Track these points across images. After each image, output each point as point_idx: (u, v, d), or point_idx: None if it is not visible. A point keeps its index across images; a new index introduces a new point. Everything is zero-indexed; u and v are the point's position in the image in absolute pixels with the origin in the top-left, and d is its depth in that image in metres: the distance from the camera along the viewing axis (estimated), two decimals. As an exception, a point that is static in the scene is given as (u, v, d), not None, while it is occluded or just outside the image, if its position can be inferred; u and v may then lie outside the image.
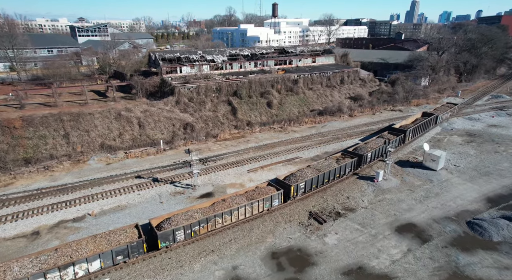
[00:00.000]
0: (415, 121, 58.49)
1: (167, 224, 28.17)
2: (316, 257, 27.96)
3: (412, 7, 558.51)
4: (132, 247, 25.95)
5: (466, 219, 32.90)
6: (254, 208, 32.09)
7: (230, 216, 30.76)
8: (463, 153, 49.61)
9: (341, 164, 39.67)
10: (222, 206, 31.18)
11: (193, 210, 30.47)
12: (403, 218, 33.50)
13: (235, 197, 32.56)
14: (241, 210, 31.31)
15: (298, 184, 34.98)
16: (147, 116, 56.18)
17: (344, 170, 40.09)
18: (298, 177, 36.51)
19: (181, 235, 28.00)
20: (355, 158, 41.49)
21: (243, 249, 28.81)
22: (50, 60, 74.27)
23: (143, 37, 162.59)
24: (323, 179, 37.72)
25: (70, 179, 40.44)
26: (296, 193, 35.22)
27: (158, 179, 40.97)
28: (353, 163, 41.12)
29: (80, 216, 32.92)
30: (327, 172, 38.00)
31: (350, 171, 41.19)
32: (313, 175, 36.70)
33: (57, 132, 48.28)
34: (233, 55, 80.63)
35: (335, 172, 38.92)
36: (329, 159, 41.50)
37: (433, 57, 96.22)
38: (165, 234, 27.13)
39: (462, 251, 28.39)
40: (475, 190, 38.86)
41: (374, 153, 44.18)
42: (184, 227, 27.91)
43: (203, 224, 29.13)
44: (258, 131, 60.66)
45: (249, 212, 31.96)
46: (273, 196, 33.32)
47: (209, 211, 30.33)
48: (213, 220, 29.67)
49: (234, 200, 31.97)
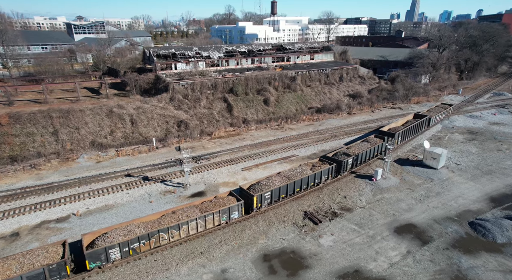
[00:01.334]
0: (406, 123, 54.34)
1: (101, 241, 24.57)
2: (310, 259, 26.48)
3: (412, 7, 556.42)
4: (51, 271, 21.73)
5: (468, 220, 31.40)
6: (208, 221, 28.39)
7: (179, 231, 27.06)
8: (465, 151, 48.11)
9: (316, 171, 35.71)
10: (170, 219, 27.59)
11: (134, 224, 26.58)
12: (402, 218, 32.01)
13: (187, 209, 28.86)
14: (192, 224, 27.62)
15: (263, 194, 31.27)
16: (140, 113, 54.70)
17: (319, 178, 36.09)
18: (264, 186, 32.63)
19: (116, 253, 24.32)
20: (333, 164, 37.54)
21: (234, 251, 27.34)
22: (41, 57, 72.66)
23: (140, 35, 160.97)
24: (294, 188, 33.92)
25: (57, 178, 38.96)
26: (261, 204, 31.40)
27: (149, 178, 39.48)
28: (330, 170, 37.15)
29: (64, 216, 31.45)
30: (299, 180, 34.10)
31: (328, 179, 37.29)
32: (281, 184, 32.91)
33: (45, 129, 46.79)
34: (230, 51, 79.10)
35: (308, 181, 34.98)
36: (304, 166, 37.21)
37: (434, 54, 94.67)
38: (95, 253, 23.43)
39: (465, 254, 26.90)
40: (478, 189, 37.36)
41: (356, 159, 40.48)
42: (120, 245, 24.30)
43: (144, 241, 25.47)
44: (254, 129, 59.16)
45: (202, 226, 28.24)
46: (231, 208, 29.47)
47: (153, 226, 26.72)
48: (157, 235, 26.02)
49: (185, 213, 28.38)
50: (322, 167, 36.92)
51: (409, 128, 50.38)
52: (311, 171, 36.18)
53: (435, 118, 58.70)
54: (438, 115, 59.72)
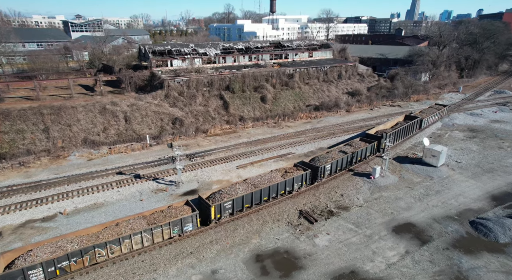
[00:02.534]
0: (395, 125, 50.27)
1: (22, 260, 21.35)
2: (304, 260, 25.40)
3: (412, 6, 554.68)
4: None
5: (469, 219, 30.31)
6: (156, 235, 25.55)
7: (119, 246, 24.08)
8: (465, 149, 47.02)
9: (288, 178, 32.46)
10: (111, 233, 24.65)
11: (67, 239, 23.51)
12: (400, 217, 30.93)
13: (132, 221, 25.89)
14: (135, 238, 24.66)
15: (223, 203, 28.29)
16: (134, 110, 53.62)
17: (291, 186, 33.00)
18: (225, 194, 29.50)
19: (39, 275, 21.08)
20: (308, 171, 34.42)
21: (225, 251, 26.27)
22: (34, 54, 71.51)
23: (138, 33, 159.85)
24: (260, 197, 30.76)
25: (46, 176, 37.91)
26: (220, 215, 28.50)
27: (141, 176, 38.43)
28: (304, 177, 33.92)
29: (51, 215, 30.38)
30: (266, 188, 30.86)
31: (301, 187, 34.06)
32: (245, 193, 29.75)
33: (36, 126, 45.72)
34: (227, 48, 77.99)
35: (278, 189, 31.92)
36: (274, 172, 34.07)
37: (434, 52, 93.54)
38: (8, 277, 19.99)
39: (466, 254, 25.81)
40: (479, 187, 36.27)
41: (336, 164, 37.09)
42: (43, 264, 20.97)
43: (76, 258, 22.39)
44: (250, 126, 58.11)
45: (148, 240, 25.35)
46: (184, 219, 26.51)
47: (89, 240, 23.69)
48: (92, 252, 22.98)
49: (129, 225, 25.46)
50: (295, 174, 33.62)
51: (398, 130, 46.48)
52: (282, 178, 33.04)
53: (428, 119, 54.57)
54: (431, 117, 55.71)
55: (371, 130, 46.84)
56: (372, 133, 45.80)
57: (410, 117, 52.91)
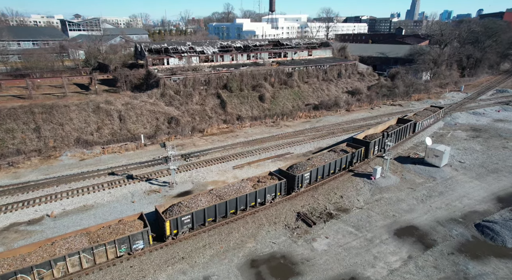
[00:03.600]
0: (387, 129, 46.74)
1: None
2: (302, 265, 24.10)
3: (412, 6, 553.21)
4: None
5: (474, 221, 29.02)
6: (98, 254, 22.41)
7: (51, 270, 20.66)
8: (469, 148, 45.73)
9: (259, 188, 29.57)
10: (41, 254, 21.19)
11: None
12: (403, 220, 29.63)
13: (72, 239, 22.77)
14: (72, 259, 21.43)
15: (180, 218, 25.30)
16: (128, 109, 52.34)
17: (263, 197, 29.99)
18: (184, 207, 26.45)
19: None
20: (283, 180, 31.14)
21: (218, 256, 24.97)
22: (28, 52, 70.20)
23: (137, 32, 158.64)
24: (226, 210, 27.99)
25: (35, 177, 36.60)
26: (177, 230, 25.52)
27: (133, 176, 37.12)
28: (278, 187, 30.71)
29: (37, 218, 29.09)
30: (232, 200, 28.11)
31: (276, 197, 30.97)
32: (208, 205, 26.96)
33: (26, 125, 44.43)
34: (225, 46, 76.70)
35: (247, 200, 28.94)
36: (245, 182, 30.97)
37: (435, 50, 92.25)
38: None
39: (472, 259, 24.51)
40: (484, 188, 34.98)
41: (316, 172, 33.99)
42: None
43: None
44: (248, 126, 56.81)
45: (89, 261, 22.26)
46: (133, 236, 23.40)
47: (11, 265, 20.09)
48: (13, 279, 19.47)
49: (67, 244, 22.28)
50: (268, 183, 30.39)
51: (388, 135, 42.83)
52: (253, 188, 29.93)
53: (422, 123, 50.67)
54: (425, 120, 51.69)
55: (359, 135, 43.30)
56: (361, 138, 42.28)
57: (403, 120, 49.37)
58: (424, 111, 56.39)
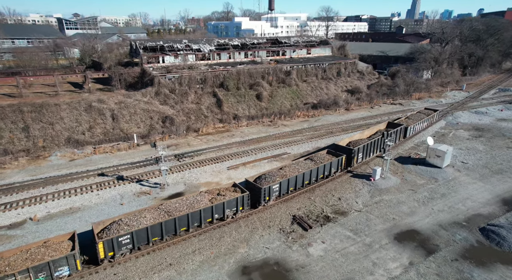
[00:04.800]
0: (374, 134, 43.28)
1: None
2: (296, 272, 22.72)
3: (413, 6, 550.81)
4: None
5: (479, 225, 27.60)
6: None
7: None
8: (471, 148, 44.29)
9: (216, 203, 26.35)
10: None
11: None
12: (403, 223, 28.23)
13: None
14: None
15: (115, 238, 21.98)
16: (121, 108, 50.95)
17: (221, 212, 26.85)
18: (123, 225, 23.19)
19: None
20: (246, 193, 28.01)
21: (208, 262, 23.59)
22: (20, 50, 68.81)
23: (135, 31, 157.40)
24: (175, 228, 24.73)
25: (21, 178, 35.24)
26: (113, 252, 22.24)
27: (124, 177, 35.76)
28: (240, 201, 27.49)
29: (19, 221, 27.71)
30: (183, 217, 24.80)
31: (237, 212, 27.72)
32: (152, 223, 23.76)
33: (15, 124, 43.08)
34: (222, 44, 75.28)
35: (202, 216, 25.69)
36: (203, 195, 27.83)
37: (436, 49, 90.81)
38: None
39: (477, 266, 23.10)
40: (488, 190, 33.55)
41: (287, 183, 30.59)
42: None
43: None
44: (245, 125, 55.42)
45: None
46: (55, 262, 20.02)
47: None
48: None
49: None
50: (227, 197, 27.30)
51: (374, 141, 39.42)
52: (210, 202, 26.84)
53: (414, 127, 46.93)
54: (418, 124, 47.87)
55: (342, 141, 39.77)
56: (344, 144, 38.79)
57: (394, 124, 45.54)
58: (417, 114, 52.77)
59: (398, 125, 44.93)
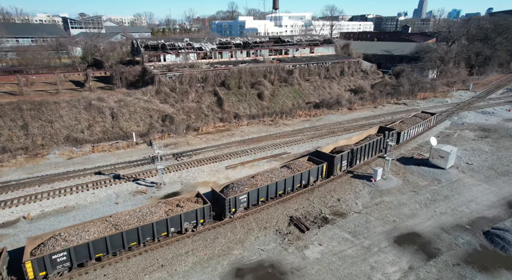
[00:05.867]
0: (364, 139, 40.23)
1: None
2: (291, 275, 22.02)
3: (420, 5, 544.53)
4: None
5: (483, 229, 26.60)
6: None
7: None
8: (477, 149, 43.11)
9: (172, 215, 24.08)
10: None
11: None
12: (404, 226, 27.35)
13: None
14: None
15: (47, 256, 19.63)
16: (121, 106, 50.66)
17: (178, 225, 24.48)
18: (61, 241, 20.94)
19: None
20: (207, 205, 25.73)
21: (201, 264, 23.00)
22: (22, 49, 69.07)
23: (139, 30, 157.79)
24: (123, 242, 22.36)
25: (18, 176, 35.05)
26: (46, 272, 19.73)
27: (120, 176, 35.38)
28: (200, 213, 25.25)
29: (13, 220, 27.43)
30: (132, 231, 22.55)
31: (197, 225, 25.43)
32: (96, 237, 21.55)
33: (14, 122, 43.00)
34: (224, 43, 74.76)
35: (154, 230, 23.43)
36: (159, 206, 25.41)
37: (442, 48, 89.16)
38: None
39: (480, 271, 22.16)
40: (493, 192, 32.46)
41: (257, 193, 28.08)
42: None
43: None
44: (245, 124, 54.79)
45: None
46: None
47: None
48: None
49: None
50: (186, 208, 25.21)
51: (361, 147, 36.07)
52: (165, 214, 24.59)
53: (409, 132, 43.10)
54: (412, 128, 44.24)
55: (326, 147, 36.67)
56: (328, 150, 35.93)
57: (385, 129, 41.92)
58: (413, 118, 49.20)
59: (390, 130, 40.69)
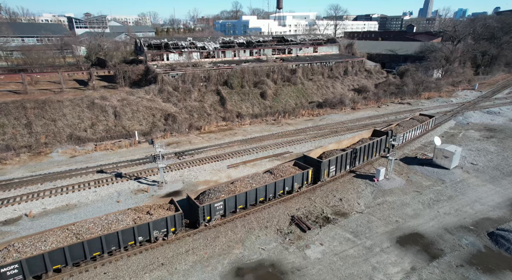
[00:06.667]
0: (357, 143, 38.16)
1: None
2: (292, 275, 21.84)
3: (425, 5, 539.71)
4: None
5: (487, 230, 26.18)
6: None
7: None
8: (482, 149, 42.53)
9: (139, 224, 22.75)
10: None
11: None
12: (406, 226, 27.02)
13: None
14: None
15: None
16: (124, 105, 50.83)
17: (147, 233, 23.18)
18: (12, 253, 19.65)
19: None
20: (178, 212, 24.41)
21: (202, 263, 22.91)
22: (26, 48, 69.61)
23: (143, 30, 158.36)
24: (84, 253, 21.09)
25: (21, 174, 35.26)
26: None
27: (122, 175, 35.44)
28: (171, 221, 23.87)
29: (15, 218, 27.57)
30: (94, 240, 21.22)
31: (168, 235, 24.13)
32: (53, 247, 20.24)
33: (18, 120, 43.32)
34: (227, 42, 74.68)
35: (120, 239, 22.11)
36: (126, 214, 24.11)
37: (447, 47, 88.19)
38: None
39: (484, 273, 21.79)
40: (498, 193, 31.97)
41: (234, 200, 26.61)
42: None
43: None
44: (248, 124, 54.63)
45: None
46: None
47: None
48: None
49: None
50: (155, 216, 23.83)
51: (351, 152, 34.19)
52: (133, 222, 23.45)
53: (404, 136, 40.02)
54: (408, 132, 41.82)
55: (314, 151, 34.69)
56: (316, 155, 34.00)
57: (379, 132, 40.04)
58: (410, 120, 46.90)
59: (384, 133, 39.28)
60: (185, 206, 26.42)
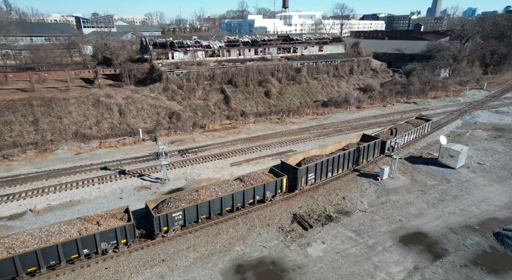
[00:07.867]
0: (343, 148, 35.81)
1: None
2: (292, 273, 21.70)
3: (434, 4, 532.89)
4: None
5: (493, 230, 25.69)
6: None
7: None
8: (489, 149, 41.80)
9: (85, 235, 21.19)
10: None
11: None
12: (410, 225, 26.67)
13: None
14: None
15: None
16: (129, 103, 51.18)
17: (93, 246, 21.46)
18: None
19: None
20: (131, 223, 22.80)
21: (202, 260, 22.91)
22: (34, 47, 70.61)
23: (149, 29, 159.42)
24: (16, 269, 19.32)
25: (27, 170, 35.73)
26: None
27: (126, 172, 35.67)
28: (121, 233, 22.17)
29: (20, 213, 27.93)
30: (29, 255, 19.36)
31: (118, 247, 22.47)
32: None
33: (25, 118, 43.91)
34: (232, 41, 74.69)
35: (60, 252, 20.38)
36: (71, 224, 22.20)
37: (455, 46, 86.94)
38: None
39: (489, 273, 21.38)
40: (505, 193, 31.37)
41: (196, 210, 24.91)
42: None
43: None
44: (252, 122, 54.58)
45: None
46: None
47: None
48: None
49: None
50: (103, 227, 22.16)
51: (333, 158, 31.90)
52: (78, 233, 21.62)
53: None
54: (402, 137, 37.23)
55: (294, 157, 32.55)
56: (295, 161, 31.81)
57: (369, 137, 37.82)
58: (404, 124, 44.58)
59: (374, 138, 36.87)
60: (145, 215, 25.46)
